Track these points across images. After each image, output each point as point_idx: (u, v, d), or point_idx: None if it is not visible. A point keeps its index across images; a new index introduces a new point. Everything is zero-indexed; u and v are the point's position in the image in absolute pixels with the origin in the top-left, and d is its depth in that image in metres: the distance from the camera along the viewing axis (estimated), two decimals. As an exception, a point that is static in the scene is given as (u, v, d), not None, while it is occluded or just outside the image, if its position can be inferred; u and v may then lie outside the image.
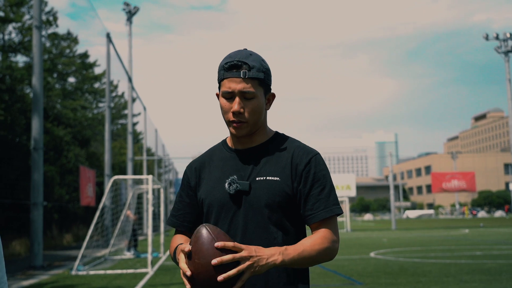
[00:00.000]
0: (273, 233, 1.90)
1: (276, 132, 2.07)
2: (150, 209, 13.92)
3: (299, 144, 2.01)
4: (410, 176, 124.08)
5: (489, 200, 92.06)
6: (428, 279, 10.06)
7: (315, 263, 1.86)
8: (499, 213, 79.49)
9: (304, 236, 1.99)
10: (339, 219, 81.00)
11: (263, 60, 1.95)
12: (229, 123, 1.95)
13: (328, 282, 10.03)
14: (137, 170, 35.97)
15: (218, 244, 1.69)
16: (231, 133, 2.00)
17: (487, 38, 43.43)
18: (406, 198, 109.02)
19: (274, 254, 1.75)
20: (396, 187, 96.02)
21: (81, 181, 21.22)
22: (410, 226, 42.53)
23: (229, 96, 1.91)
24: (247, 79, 1.89)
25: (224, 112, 1.94)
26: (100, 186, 27.06)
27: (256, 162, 1.97)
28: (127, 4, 31.17)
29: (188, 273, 1.70)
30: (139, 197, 21.83)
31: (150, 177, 14.42)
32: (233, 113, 1.90)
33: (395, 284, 9.57)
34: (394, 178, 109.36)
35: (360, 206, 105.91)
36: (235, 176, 1.93)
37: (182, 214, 2.07)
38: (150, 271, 12.35)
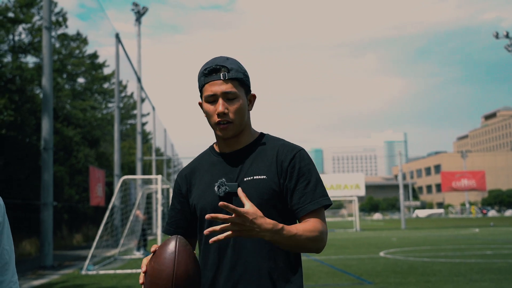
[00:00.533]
0: None
1: (261, 133, 2.11)
2: (160, 209, 13.95)
3: (284, 142, 2.05)
4: (419, 175, 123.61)
5: (499, 199, 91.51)
6: (438, 279, 10.02)
7: (302, 249, 1.87)
8: (509, 212, 79.04)
9: None
10: (348, 218, 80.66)
11: (239, 63, 2.02)
12: (215, 126, 1.99)
13: (337, 282, 10.02)
14: (146, 170, 36.06)
15: (220, 204, 1.70)
16: (217, 136, 2.04)
17: (497, 36, 43.19)
18: (415, 197, 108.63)
19: (268, 230, 1.74)
20: (406, 186, 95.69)
21: (91, 181, 21.31)
22: (420, 226, 42.36)
23: (212, 99, 1.96)
24: (227, 80, 1.95)
25: (209, 116, 1.99)
26: (109, 186, 27.15)
27: (243, 163, 2.01)
28: (136, 5, 31.28)
29: (143, 269, 1.77)
30: (148, 197, 21.91)
31: (159, 177, 14.46)
32: (218, 114, 1.95)
33: (404, 283, 9.54)
34: (404, 177, 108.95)
35: (369, 206, 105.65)
36: (223, 179, 1.97)
37: (174, 221, 2.12)
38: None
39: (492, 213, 78.38)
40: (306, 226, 1.87)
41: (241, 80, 1.98)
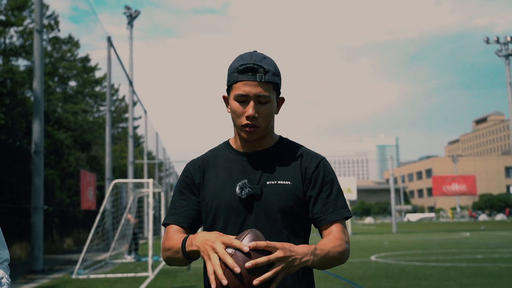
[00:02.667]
0: (286, 237, 1.86)
1: (281, 137, 2.05)
2: (151, 212, 13.92)
3: (306, 149, 2.02)
4: (411, 179, 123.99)
5: (490, 204, 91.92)
6: (429, 283, 10.05)
7: (333, 265, 1.83)
8: (500, 217, 79.37)
9: (308, 240, 1.98)
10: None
11: (276, 64, 1.91)
12: (241, 127, 1.89)
13: (329, 285, 10.02)
14: (138, 173, 35.95)
15: (250, 244, 1.60)
16: (241, 137, 1.94)
17: (487, 41, 43.45)
18: (407, 201, 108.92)
19: (307, 254, 1.69)
20: (397, 191, 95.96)
21: (82, 185, 21.22)
22: (411, 229, 42.47)
23: (242, 99, 1.85)
24: (263, 83, 1.84)
25: (237, 116, 1.88)
26: (100, 190, 27.05)
27: (265, 166, 1.93)
28: (128, 8, 31.24)
29: (224, 282, 1.59)
30: (140, 201, 21.81)
31: (150, 180, 14.42)
32: (247, 117, 1.85)
33: (396, 287, 9.55)
34: (395, 181, 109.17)
35: (361, 209, 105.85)
36: (245, 180, 1.89)
37: (186, 210, 1.97)
38: (150, 274, 12.34)
39: (482, 217, 78.64)
40: (332, 241, 1.83)
41: (276, 84, 1.88)
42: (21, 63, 25.62)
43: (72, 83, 34.48)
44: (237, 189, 1.87)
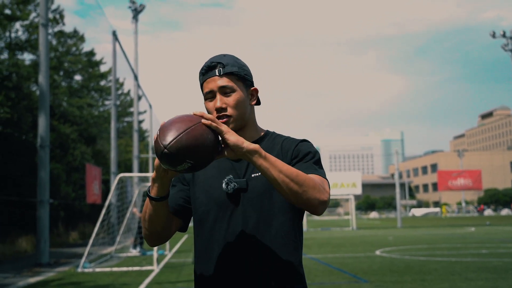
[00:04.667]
0: (274, 225, 1.92)
1: (267, 131, 2.12)
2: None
3: (288, 136, 2.08)
4: (416, 174, 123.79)
5: (495, 198, 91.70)
6: (434, 277, 10.05)
7: (294, 184, 1.76)
8: (505, 211, 79.22)
9: (301, 223, 2.04)
10: (345, 217, 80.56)
11: (237, 58, 2.02)
12: None
13: (333, 280, 10.04)
14: (143, 167, 36.04)
15: (196, 112, 1.74)
16: None
17: (493, 35, 43.28)
18: (412, 196, 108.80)
19: (255, 147, 1.75)
20: (402, 185, 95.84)
21: (87, 179, 21.29)
22: (416, 224, 42.44)
23: (210, 96, 1.97)
24: (222, 75, 1.95)
25: (210, 113, 1.97)
26: (106, 184, 27.13)
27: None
28: (133, 2, 31.22)
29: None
30: (145, 195, 21.86)
31: (156, 174, 14.42)
32: (217, 110, 1.95)
33: (400, 282, 9.56)
34: (400, 176, 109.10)
35: (366, 204, 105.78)
36: (231, 176, 1.96)
37: (172, 196, 2.05)
38: (156, 268, 12.38)
39: (488, 212, 78.53)
40: (299, 170, 1.83)
41: (238, 74, 1.97)
42: (27, 57, 25.70)
43: (77, 77, 34.59)
44: (224, 185, 1.96)
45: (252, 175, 1.96)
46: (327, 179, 1.93)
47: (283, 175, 1.75)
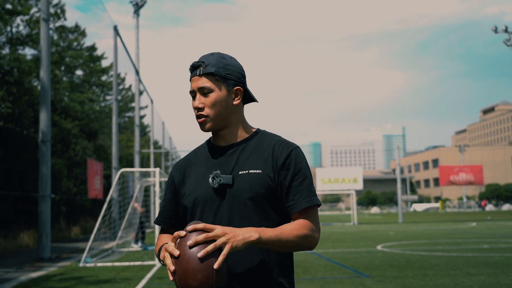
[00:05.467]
0: (258, 223, 1.93)
1: (258, 129, 2.14)
2: (157, 201, 13.95)
3: (280, 138, 2.08)
4: (417, 169, 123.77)
5: (496, 193, 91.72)
6: (435, 272, 10.05)
7: (293, 248, 1.90)
8: (506, 207, 79.24)
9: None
10: (346, 212, 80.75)
11: (223, 57, 2.04)
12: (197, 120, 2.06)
13: (335, 275, 10.05)
14: (144, 162, 36.05)
15: (188, 228, 1.76)
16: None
17: (495, 31, 43.17)
18: (413, 191, 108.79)
19: (249, 231, 1.80)
20: (403, 180, 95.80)
21: (89, 174, 21.31)
22: (417, 219, 42.45)
23: (193, 95, 2.04)
24: (202, 75, 2.01)
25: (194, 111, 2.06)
26: (107, 179, 27.15)
27: (238, 157, 2.03)
28: (134, -3, 31.13)
29: (172, 268, 1.77)
30: (146, 190, 21.88)
31: (157, 169, 14.46)
32: (195, 109, 2.03)
33: (401, 277, 9.57)
34: (401, 171, 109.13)
35: (367, 199, 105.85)
36: (218, 171, 1.99)
37: (164, 211, 2.16)
38: (157, 263, 12.40)
39: (489, 207, 78.53)
40: (293, 225, 1.91)
41: (218, 74, 2.00)
42: (28, 52, 25.73)
43: (79, 72, 34.59)
44: (210, 179, 1.99)
45: (240, 172, 1.99)
46: (317, 203, 1.98)
47: (284, 248, 1.89)
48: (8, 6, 22.61)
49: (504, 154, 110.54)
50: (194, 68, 2.03)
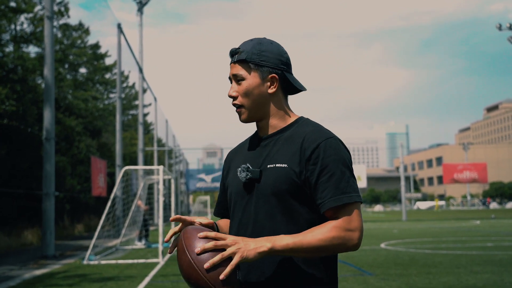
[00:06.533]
0: (280, 222, 1.83)
1: (299, 118, 2.00)
2: (161, 199, 13.97)
3: (315, 128, 1.91)
4: (421, 167, 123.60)
5: (500, 192, 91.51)
6: (439, 270, 10.04)
7: (323, 253, 1.76)
8: (510, 205, 79.03)
9: (315, 224, 1.88)
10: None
11: (260, 43, 1.94)
12: None
13: (339, 273, 10.00)
14: (148, 160, 36.10)
15: (201, 234, 1.71)
16: None
17: (500, 28, 43.03)
18: (417, 189, 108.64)
19: (262, 241, 1.71)
20: (407, 178, 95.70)
21: (93, 172, 21.34)
22: (421, 217, 42.40)
23: (230, 82, 1.99)
24: (236, 62, 1.94)
25: None
26: (111, 177, 27.19)
27: (270, 149, 1.92)
28: (137, -6, 31.17)
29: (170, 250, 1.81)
30: (150, 188, 21.93)
31: (161, 167, 14.47)
32: (229, 97, 1.96)
33: (405, 275, 9.55)
34: (405, 169, 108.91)
35: (370, 197, 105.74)
36: (247, 164, 1.91)
37: (218, 202, 2.16)
38: (161, 261, 12.41)
39: (493, 205, 78.37)
40: (319, 229, 1.76)
41: (250, 61, 1.92)
42: (32, 50, 25.77)
43: (83, 70, 34.59)
44: (238, 173, 1.93)
45: (268, 166, 1.88)
46: (347, 201, 1.78)
47: (310, 254, 1.75)
48: (12, 4, 22.62)
49: (508, 152, 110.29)
50: (231, 54, 1.96)
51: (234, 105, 1.95)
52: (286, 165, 1.84)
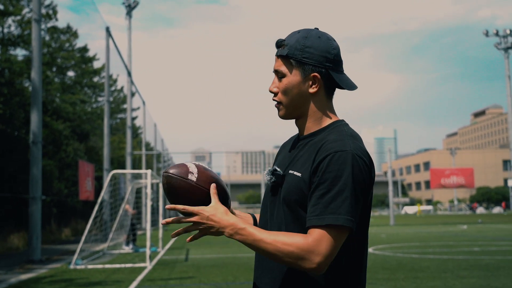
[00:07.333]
0: (292, 230, 1.75)
1: (335, 121, 1.85)
2: (149, 203, 13.91)
3: (337, 137, 1.75)
4: (409, 172, 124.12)
5: (487, 196, 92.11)
6: (426, 275, 10.08)
7: (277, 261, 1.67)
8: (497, 209, 79.57)
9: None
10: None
11: (305, 37, 1.79)
12: None
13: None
14: (136, 164, 35.97)
15: (168, 206, 1.76)
16: None
17: (487, 34, 43.42)
18: (404, 194, 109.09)
19: (226, 227, 1.70)
20: (395, 183, 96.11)
21: (80, 175, 21.21)
22: (409, 222, 42.57)
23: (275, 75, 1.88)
24: (278, 57, 1.83)
25: None
26: (99, 181, 27.05)
27: (298, 152, 1.83)
28: (126, -2, 31.12)
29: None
30: (138, 192, 21.85)
31: (149, 171, 14.41)
32: (271, 93, 1.87)
33: (393, 279, 9.58)
34: (393, 174, 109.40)
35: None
36: (274, 167, 1.85)
37: None
38: (148, 265, 12.36)
39: (480, 210, 78.86)
40: (286, 237, 1.66)
41: (292, 57, 1.79)
42: (19, 52, 25.59)
43: (70, 73, 34.45)
44: (266, 175, 1.85)
45: (289, 171, 1.80)
46: (329, 222, 1.62)
47: (266, 256, 1.69)
48: (0, 6, 22.50)
49: (494, 157, 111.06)
50: (276, 46, 1.83)
51: (274, 100, 1.85)
52: (300, 174, 1.75)
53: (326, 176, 1.66)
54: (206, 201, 1.76)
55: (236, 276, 10.22)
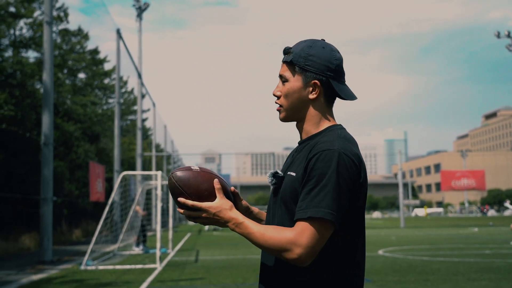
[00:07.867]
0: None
1: (332, 125, 1.95)
2: (159, 205, 13.96)
3: (329, 138, 1.85)
4: (419, 174, 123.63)
5: (498, 199, 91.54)
6: (437, 277, 10.04)
7: (268, 251, 1.79)
8: (508, 212, 79.03)
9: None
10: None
11: (310, 46, 1.92)
12: None
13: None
14: (146, 166, 36.08)
15: (180, 199, 1.89)
16: None
17: (498, 36, 43.19)
18: (415, 196, 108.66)
19: (229, 222, 1.86)
20: (405, 185, 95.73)
21: (91, 177, 21.33)
22: (419, 224, 42.38)
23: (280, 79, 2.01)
24: (283, 63, 1.97)
25: None
26: (109, 182, 27.17)
27: (297, 155, 1.94)
28: (137, 0, 31.25)
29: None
30: (148, 193, 21.90)
31: (159, 173, 14.46)
32: (274, 96, 2.00)
33: (403, 281, 9.55)
34: (403, 176, 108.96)
35: (368, 204, 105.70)
36: (276, 170, 1.97)
37: None
38: (158, 266, 12.40)
39: (491, 212, 78.36)
40: (274, 230, 1.77)
41: (295, 64, 1.92)
42: (31, 55, 25.79)
43: (81, 75, 34.64)
44: (268, 177, 1.99)
45: (288, 173, 1.90)
46: (312, 215, 1.71)
47: (259, 247, 1.83)
48: (12, 9, 22.67)
49: (506, 159, 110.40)
50: (283, 53, 1.97)
51: (276, 103, 1.98)
52: (294, 174, 1.86)
53: (313, 173, 1.77)
54: (211, 186, 1.91)
55: (246, 278, 10.23)
